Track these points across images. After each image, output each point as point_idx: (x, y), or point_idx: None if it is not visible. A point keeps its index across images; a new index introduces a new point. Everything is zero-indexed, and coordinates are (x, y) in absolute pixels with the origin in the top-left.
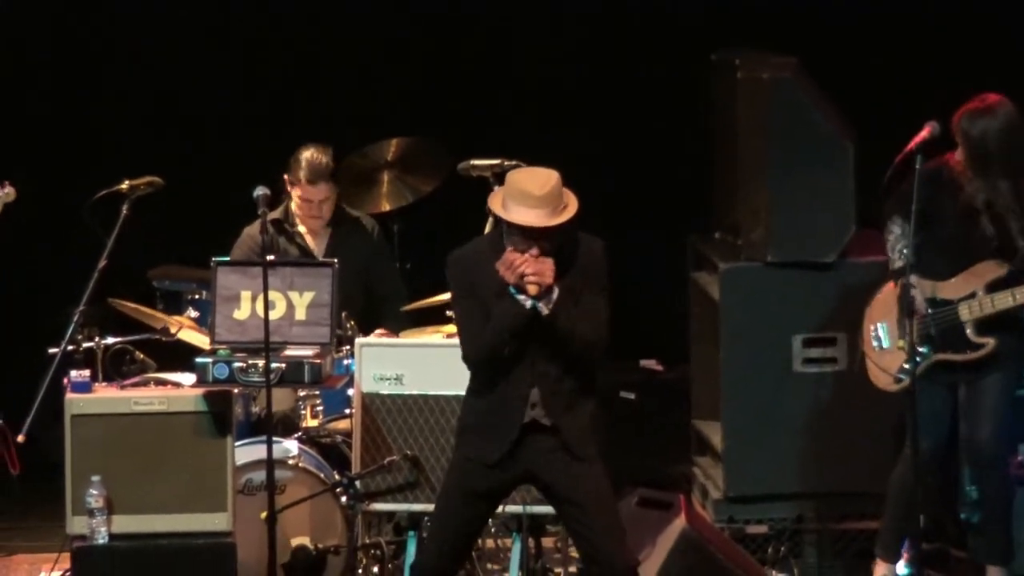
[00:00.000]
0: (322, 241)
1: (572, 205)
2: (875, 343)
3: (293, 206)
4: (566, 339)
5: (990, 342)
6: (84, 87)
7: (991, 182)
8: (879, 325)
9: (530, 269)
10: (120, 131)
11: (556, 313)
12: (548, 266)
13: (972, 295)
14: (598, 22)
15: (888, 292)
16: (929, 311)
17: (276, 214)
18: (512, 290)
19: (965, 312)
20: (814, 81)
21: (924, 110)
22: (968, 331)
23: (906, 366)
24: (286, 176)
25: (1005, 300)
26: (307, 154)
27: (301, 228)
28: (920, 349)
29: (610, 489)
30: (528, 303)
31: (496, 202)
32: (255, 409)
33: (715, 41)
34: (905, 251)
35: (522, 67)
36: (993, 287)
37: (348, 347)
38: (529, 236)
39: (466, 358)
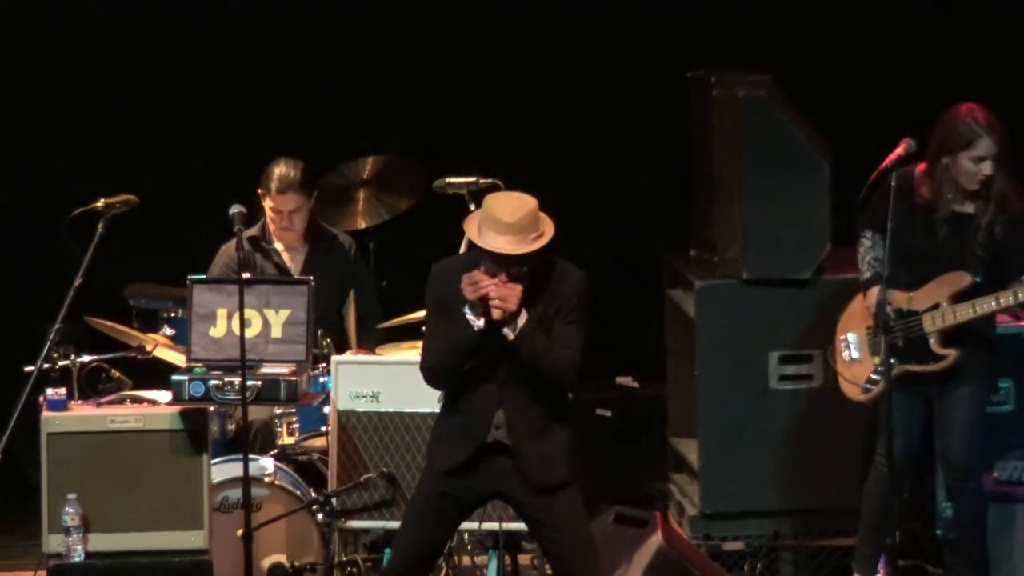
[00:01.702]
0: (299, 258)
1: (547, 233)
2: (845, 354)
3: (269, 222)
4: (532, 366)
5: (952, 353)
6: (60, 104)
7: (1001, 189)
8: (849, 336)
9: (494, 293)
10: (95, 149)
11: (521, 339)
12: (514, 292)
13: (936, 306)
14: (576, 39)
15: (858, 303)
16: (896, 322)
17: (253, 231)
18: (466, 309)
19: (929, 323)
20: (789, 98)
21: (899, 126)
22: (932, 342)
23: (874, 376)
24: (260, 190)
25: (966, 312)
26: (277, 165)
27: (278, 245)
28: (881, 358)
29: (581, 509)
30: (478, 324)
31: (472, 225)
32: (231, 427)
33: (692, 58)
34: (874, 263)
35: (498, 85)
36: (957, 298)
37: (324, 364)
38: (498, 262)
39: (421, 369)
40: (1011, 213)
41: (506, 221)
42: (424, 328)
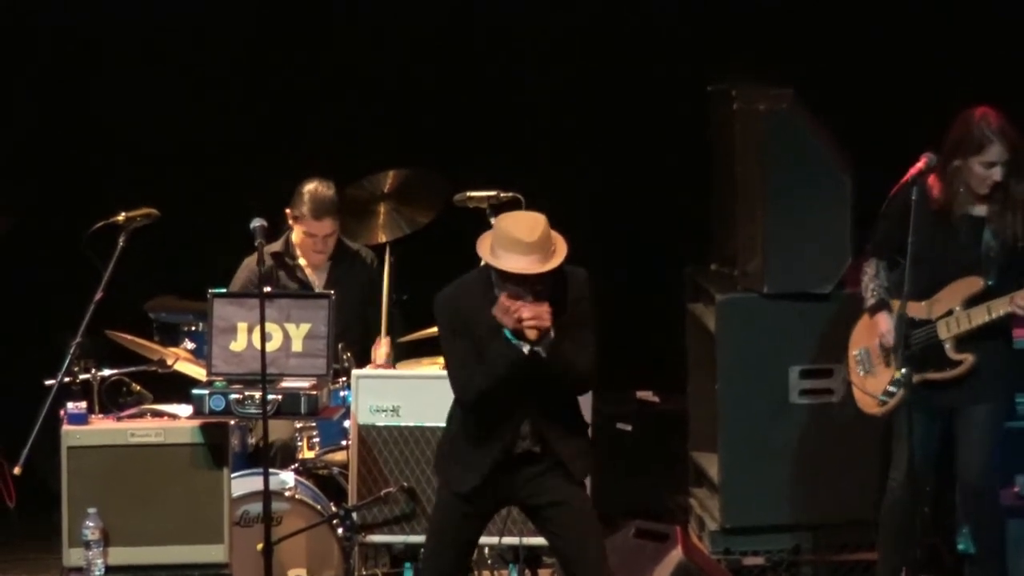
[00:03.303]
0: (322, 274)
1: (561, 247)
2: (859, 368)
3: (294, 238)
4: (563, 377)
5: (968, 358)
6: (82, 117)
7: (1014, 194)
8: (861, 351)
9: (528, 314)
10: (117, 162)
11: (553, 355)
12: (545, 310)
13: (950, 312)
14: (596, 52)
15: (867, 318)
16: (912, 332)
17: (276, 247)
18: (507, 334)
19: (943, 330)
20: (811, 112)
21: (920, 140)
22: (947, 348)
23: (891, 388)
24: (288, 211)
25: (981, 315)
26: (311, 188)
27: (301, 261)
28: (901, 371)
29: (594, 513)
30: (525, 348)
31: (485, 249)
32: (251, 440)
33: (715, 69)
34: (878, 290)
35: (519, 98)
36: (970, 303)
37: (344, 378)
38: (523, 283)
39: (461, 399)
40: None
41: (528, 241)
42: (446, 359)
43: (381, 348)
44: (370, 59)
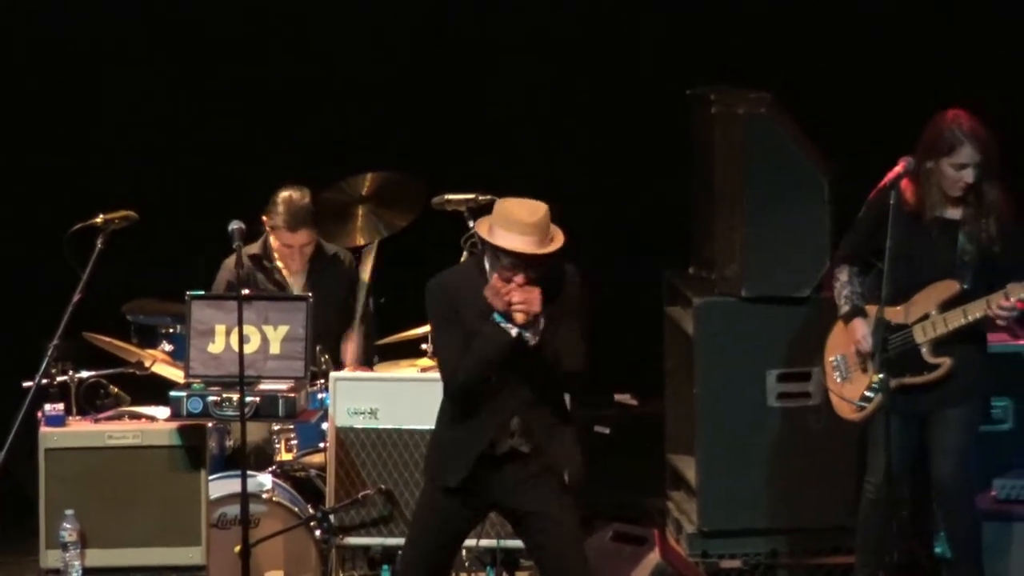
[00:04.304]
0: (300, 277)
1: (559, 237)
2: (836, 374)
3: (272, 242)
4: (552, 368)
5: (945, 362)
6: (61, 120)
7: (987, 197)
8: (837, 357)
9: (517, 297)
10: (95, 165)
11: (543, 343)
12: (535, 295)
13: (926, 316)
14: (577, 56)
15: (842, 325)
16: (889, 337)
17: (254, 249)
18: (497, 317)
19: (920, 334)
20: (790, 116)
21: (898, 144)
22: (924, 351)
23: (867, 393)
24: (265, 218)
25: (957, 319)
26: (285, 198)
27: (279, 263)
28: (879, 375)
29: (577, 522)
30: (513, 331)
31: (483, 228)
32: (229, 443)
33: (697, 72)
34: (852, 296)
35: (498, 101)
36: (946, 306)
37: (322, 381)
38: (517, 263)
39: (447, 386)
40: (1000, 219)
41: (527, 221)
42: (435, 347)
43: (351, 344)
44: (349, 61)
